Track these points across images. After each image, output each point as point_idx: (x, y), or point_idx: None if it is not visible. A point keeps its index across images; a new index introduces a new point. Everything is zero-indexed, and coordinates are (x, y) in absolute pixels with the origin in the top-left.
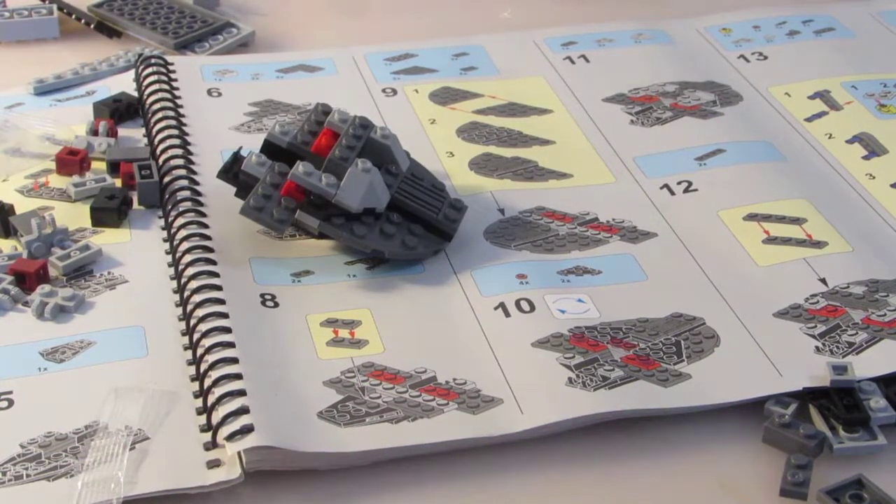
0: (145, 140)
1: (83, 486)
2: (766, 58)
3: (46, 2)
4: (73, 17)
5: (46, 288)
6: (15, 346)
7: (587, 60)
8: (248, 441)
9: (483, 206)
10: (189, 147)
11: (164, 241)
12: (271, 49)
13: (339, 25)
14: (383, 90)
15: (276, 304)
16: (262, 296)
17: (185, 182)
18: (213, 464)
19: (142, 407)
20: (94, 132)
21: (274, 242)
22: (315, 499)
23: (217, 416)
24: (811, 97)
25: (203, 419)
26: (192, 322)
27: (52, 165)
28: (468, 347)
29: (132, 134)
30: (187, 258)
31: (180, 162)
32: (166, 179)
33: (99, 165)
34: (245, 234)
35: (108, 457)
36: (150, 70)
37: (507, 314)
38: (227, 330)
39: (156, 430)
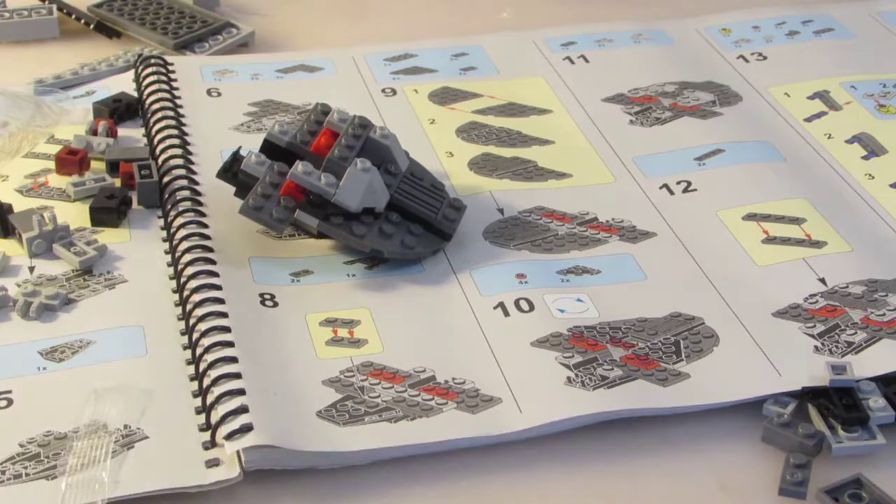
0: (145, 140)
1: (67, 488)
2: (765, 58)
3: (46, 2)
4: (73, 17)
5: (29, 287)
6: (14, 345)
7: (587, 60)
8: (247, 440)
9: (482, 206)
10: (188, 147)
11: (164, 240)
12: (271, 49)
13: (338, 25)
14: (383, 90)
15: (276, 304)
16: (261, 295)
17: (184, 182)
18: (212, 463)
19: (126, 407)
20: (94, 132)
21: (273, 242)
22: (314, 498)
23: (216, 415)
24: (810, 97)
25: (202, 418)
26: (192, 321)
27: (52, 165)
28: (467, 347)
29: (132, 134)
30: (187, 258)
31: (180, 162)
32: (166, 179)
33: (98, 165)
34: (244, 233)
35: (93, 458)
36: (149, 70)
37: (507, 314)
38: (227, 329)
39: (142, 429)
